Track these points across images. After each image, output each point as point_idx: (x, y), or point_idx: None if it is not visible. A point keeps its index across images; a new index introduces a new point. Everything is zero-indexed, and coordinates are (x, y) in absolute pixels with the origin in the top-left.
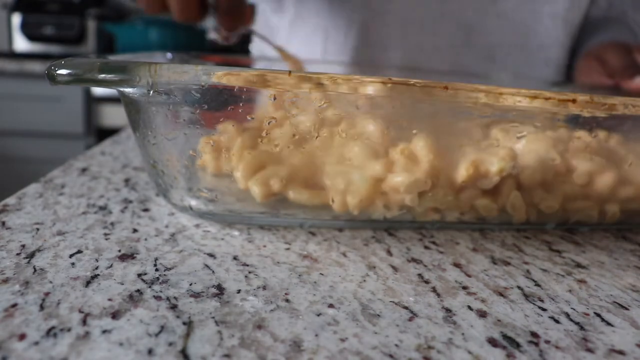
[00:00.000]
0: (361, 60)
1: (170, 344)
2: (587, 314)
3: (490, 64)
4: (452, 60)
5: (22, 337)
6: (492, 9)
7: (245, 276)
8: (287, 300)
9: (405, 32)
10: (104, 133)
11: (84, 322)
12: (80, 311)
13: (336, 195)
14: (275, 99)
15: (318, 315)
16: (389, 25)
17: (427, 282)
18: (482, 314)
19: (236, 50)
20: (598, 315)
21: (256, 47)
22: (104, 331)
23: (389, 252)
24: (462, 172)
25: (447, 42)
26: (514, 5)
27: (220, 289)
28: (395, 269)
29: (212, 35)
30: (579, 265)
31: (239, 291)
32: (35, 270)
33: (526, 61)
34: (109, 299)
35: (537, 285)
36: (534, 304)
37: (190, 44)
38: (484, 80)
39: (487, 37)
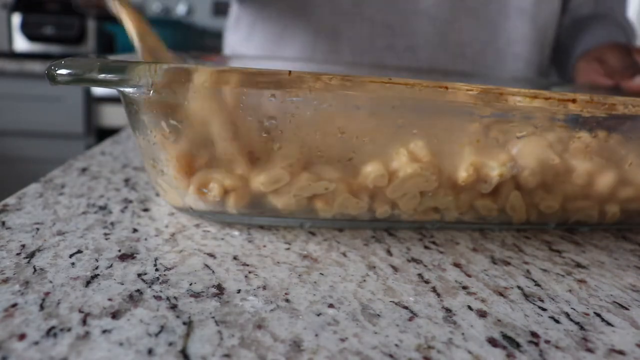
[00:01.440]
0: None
1: (170, 344)
2: (587, 314)
3: (462, 61)
4: (425, 60)
5: (22, 337)
6: (461, 6)
7: (245, 276)
8: (287, 300)
9: (375, 34)
10: (104, 133)
11: (84, 322)
12: (80, 311)
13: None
14: (275, 98)
15: (318, 315)
16: (358, 28)
17: (427, 282)
18: (482, 314)
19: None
20: (598, 315)
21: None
22: (104, 331)
23: (389, 252)
24: (462, 173)
25: (421, 41)
26: (482, 2)
27: (220, 289)
28: (395, 268)
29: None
30: (579, 265)
31: (239, 291)
32: (35, 270)
33: (496, 57)
34: (109, 299)
35: (537, 285)
36: (534, 303)
37: (190, 44)
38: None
39: (459, 35)
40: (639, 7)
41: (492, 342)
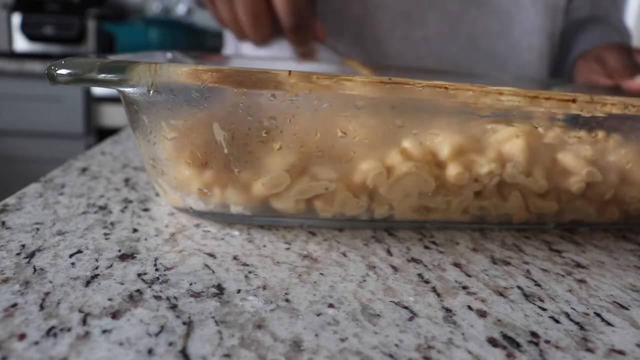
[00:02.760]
0: (355, 55)
1: (170, 344)
2: (587, 314)
3: (475, 53)
4: (439, 50)
5: (22, 337)
6: None
7: (245, 276)
8: (287, 300)
9: (396, 24)
10: (104, 133)
11: (84, 322)
12: (80, 311)
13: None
14: (275, 98)
15: (318, 315)
16: (381, 17)
17: (427, 282)
18: (482, 314)
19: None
20: (598, 315)
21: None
22: (104, 331)
23: (389, 252)
24: (451, 172)
25: (435, 32)
26: None
27: (220, 289)
28: (395, 268)
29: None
30: (579, 265)
31: (239, 291)
32: (35, 270)
33: (510, 48)
34: (109, 299)
35: (537, 285)
36: (534, 303)
37: (190, 44)
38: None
39: (471, 26)
40: (639, 7)
41: (492, 342)
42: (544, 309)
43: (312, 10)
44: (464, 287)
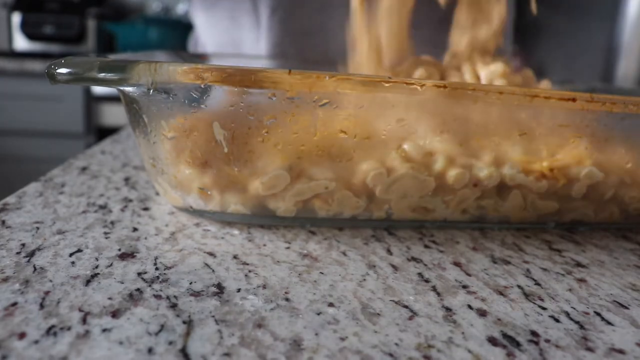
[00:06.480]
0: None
1: (170, 343)
2: (587, 313)
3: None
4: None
5: (22, 335)
6: None
7: (245, 275)
8: (287, 299)
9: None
10: (104, 132)
11: (84, 320)
12: (80, 310)
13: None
14: (275, 98)
15: (318, 314)
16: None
17: (427, 281)
18: (482, 313)
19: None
20: (598, 314)
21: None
22: (104, 330)
23: (389, 251)
24: (451, 173)
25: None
26: None
27: (220, 288)
28: (395, 267)
29: None
30: (579, 265)
31: (239, 290)
32: (35, 269)
33: None
34: (109, 298)
35: (537, 284)
36: (534, 303)
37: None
38: None
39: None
40: (639, 7)
41: (492, 341)
42: (544, 308)
43: None
44: (464, 286)
